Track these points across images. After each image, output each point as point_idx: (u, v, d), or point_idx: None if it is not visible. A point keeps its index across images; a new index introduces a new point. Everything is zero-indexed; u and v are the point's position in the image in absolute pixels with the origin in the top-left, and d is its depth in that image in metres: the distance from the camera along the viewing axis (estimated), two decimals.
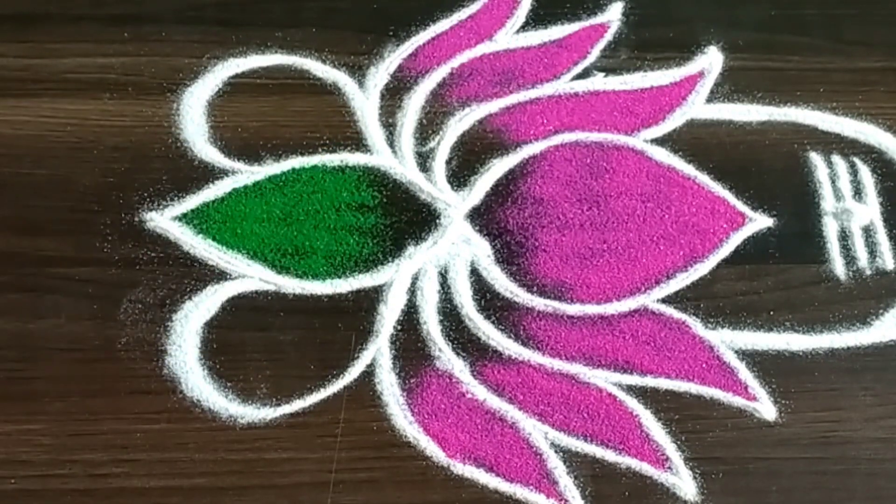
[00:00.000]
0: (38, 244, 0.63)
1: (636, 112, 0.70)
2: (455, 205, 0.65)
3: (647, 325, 0.61)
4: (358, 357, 0.59)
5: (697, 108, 0.70)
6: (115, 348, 0.59)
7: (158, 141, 0.68)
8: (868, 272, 0.63)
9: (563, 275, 0.63)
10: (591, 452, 0.56)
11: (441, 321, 0.61)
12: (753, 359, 0.60)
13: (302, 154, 0.67)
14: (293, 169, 0.66)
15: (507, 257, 0.63)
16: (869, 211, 0.66)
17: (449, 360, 0.59)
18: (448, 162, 0.67)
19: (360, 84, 0.70)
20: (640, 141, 0.68)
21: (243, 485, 0.55)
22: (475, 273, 0.63)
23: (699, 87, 0.71)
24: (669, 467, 0.56)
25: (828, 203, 0.66)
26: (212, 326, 0.60)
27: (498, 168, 0.67)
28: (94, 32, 0.73)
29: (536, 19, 0.74)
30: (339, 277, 0.62)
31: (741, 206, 0.66)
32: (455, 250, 0.64)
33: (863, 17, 0.75)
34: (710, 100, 0.70)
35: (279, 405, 0.58)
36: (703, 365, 0.59)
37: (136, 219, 0.64)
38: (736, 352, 0.60)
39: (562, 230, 0.64)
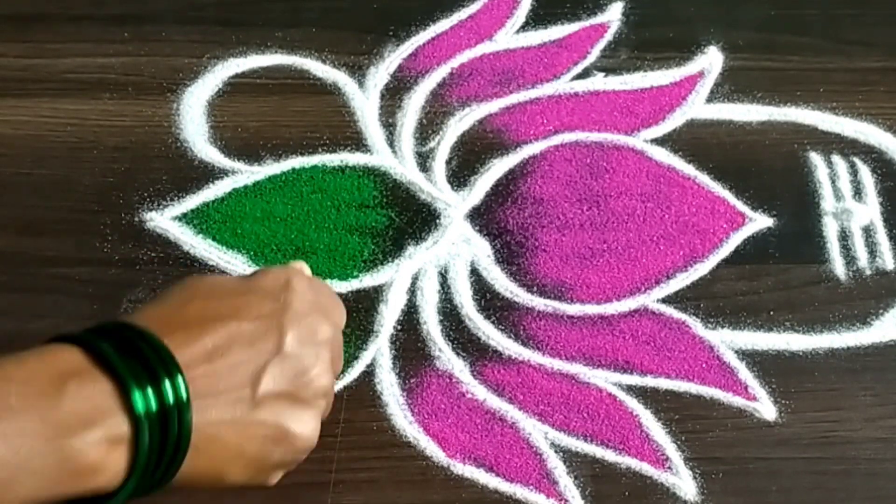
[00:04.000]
0: (38, 244, 0.63)
1: (636, 112, 0.70)
2: (455, 205, 0.65)
3: (647, 325, 0.61)
4: (358, 357, 0.59)
5: (697, 108, 0.70)
6: None
7: (158, 141, 0.68)
8: (868, 272, 0.63)
9: (563, 275, 0.63)
10: (591, 452, 0.56)
11: (441, 321, 0.61)
12: (753, 359, 0.60)
13: (302, 154, 0.67)
14: (293, 169, 0.66)
15: (507, 257, 0.63)
16: (869, 211, 0.66)
17: (449, 360, 0.59)
18: (448, 162, 0.67)
19: (360, 84, 0.70)
20: (640, 141, 0.68)
21: None
22: (475, 273, 0.63)
23: (699, 87, 0.71)
24: (669, 467, 0.56)
25: (828, 203, 0.66)
26: None
27: (498, 168, 0.67)
28: (94, 32, 0.73)
29: (536, 19, 0.74)
30: (339, 277, 0.62)
31: (741, 206, 0.66)
32: (455, 250, 0.64)
33: (863, 17, 0.75)
34: (710, 100, 0.70)
35: None
36: (703, 365, 0.59)
37: (136, 219, 0.64)
38: (736, 352, 0.60)
39: (562, 230, 0.64)
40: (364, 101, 0.70)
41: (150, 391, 0.40)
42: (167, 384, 0.40)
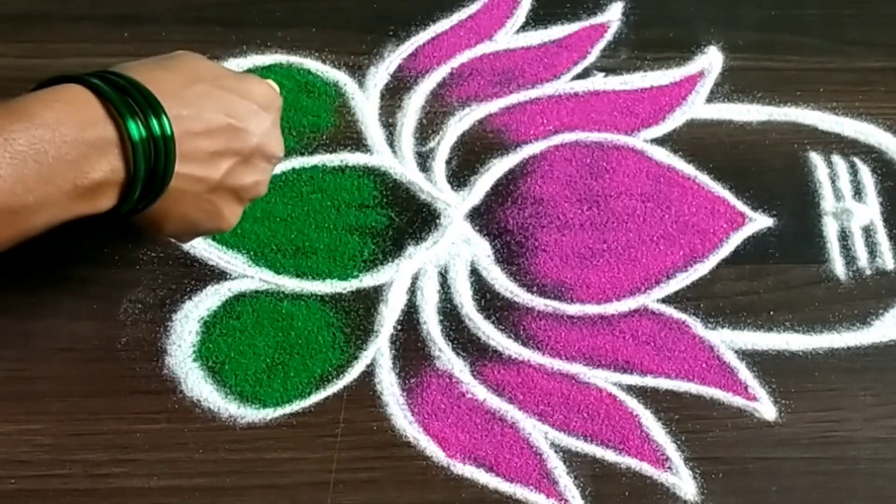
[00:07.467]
0: (39, 244, 0.63)
1: (636, 112, 0.70)
2: (455, 205, 0.65)
3: (647, 325, 0.61)
4: (358, 357, 0.59)
5: (697, 108, 0.70)
6: (115, 348, 0.59)
7: None
8: (868, 272, 0.63)
9: (563, 275, 0.63)
10: (591, 452, 0.56)
11: (441, 321, 0.61)
12: (753, 359, 0.60)
13: (302, 154, 0.67)
14: (293, 169, 0.66)
15: (507, 257, 0.63)
16: (869, 211, 0.66)
17: (449, 360, 0.59)
18: (448, 162, 0.67)
19: (360, 84, 0.70)
20: (640, 141, 0.68)
21: (243, 485, 0.55)
22: (475, 273, 0.63)
23: (699, 87, 0.71)
24: (669, 467, 0.56)
25: (828, 203, 0.66)
26: None
27: (498, 168, 0.67)
28: (94, 32, 0.73)
29: (536, 19, 0.74)
30: (339, 277, 0.62)
31: (741, 206, 0.66)
32: (455, 250, 0.64)
33: (863, 17, 0.75)
34: (710, 100, 0.70)
35: (279, 405, 0.58)
36: (703, 365, 0.59)
37: None
38: (736, 352, 0.60)
39: (562, 230, 0.64)
40: (364, 101, 0.70)
41: (142, 124, 0.48)
42: (159, 121, 0.49)
